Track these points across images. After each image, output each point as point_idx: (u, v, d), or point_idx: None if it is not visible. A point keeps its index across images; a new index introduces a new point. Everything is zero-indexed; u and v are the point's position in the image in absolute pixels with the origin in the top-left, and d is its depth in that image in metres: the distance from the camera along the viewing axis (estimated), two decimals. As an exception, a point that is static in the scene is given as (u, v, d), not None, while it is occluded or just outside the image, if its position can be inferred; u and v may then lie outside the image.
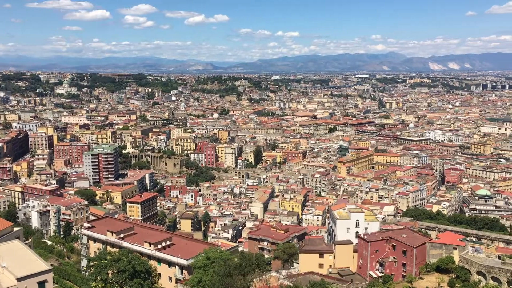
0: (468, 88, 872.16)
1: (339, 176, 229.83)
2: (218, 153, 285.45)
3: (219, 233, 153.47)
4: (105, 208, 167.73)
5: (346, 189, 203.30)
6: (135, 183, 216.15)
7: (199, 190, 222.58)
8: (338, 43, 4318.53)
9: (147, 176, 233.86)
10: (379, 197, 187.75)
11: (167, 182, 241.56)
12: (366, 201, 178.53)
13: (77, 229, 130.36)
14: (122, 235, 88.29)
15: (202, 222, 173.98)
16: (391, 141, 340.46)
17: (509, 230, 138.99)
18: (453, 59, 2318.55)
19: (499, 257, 76.98)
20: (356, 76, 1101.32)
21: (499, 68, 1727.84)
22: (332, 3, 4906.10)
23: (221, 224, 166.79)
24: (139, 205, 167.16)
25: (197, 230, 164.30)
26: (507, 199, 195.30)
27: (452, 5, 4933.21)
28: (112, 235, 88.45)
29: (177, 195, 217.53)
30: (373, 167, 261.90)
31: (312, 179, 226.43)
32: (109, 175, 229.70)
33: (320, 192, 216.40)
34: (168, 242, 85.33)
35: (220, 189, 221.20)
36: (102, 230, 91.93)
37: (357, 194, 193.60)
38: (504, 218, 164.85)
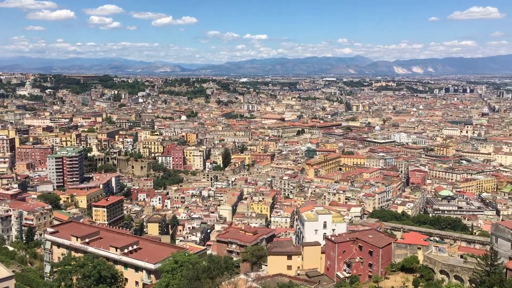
0: (431, 92, 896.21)
1: (307, 178, 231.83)
2: (186, 155, 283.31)
3: (187, 237, 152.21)
4: (69, 212, 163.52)
5: (314, 191, 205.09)
6: (101, 186, 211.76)
7: (167, 193, 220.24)
8: (306, 46, 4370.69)
9: (113, 179, 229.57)
10: (346, 199, 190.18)
11: (134, 185, 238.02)
12: (333, 202, 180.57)
13: (40, 234, 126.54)
14: (87, 240, 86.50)
15: (170, 226, 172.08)
16: (358, 144, 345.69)
17: (470, 229, 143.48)
18: (417, 63, 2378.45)
19: (461, 256, 79.26)
20: (324, 79, 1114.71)
21: (461, 72, 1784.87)
22: (300, 7, 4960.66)
23: (189, 227, 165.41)
24: (105, 209, 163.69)
25: (165, 233, 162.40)
26: (468, 200, 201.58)
27: (416, 11, 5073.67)
28: (77, 240, 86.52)
29: (144, 199, 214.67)
30: (340, 169, 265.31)
31: (281, 181, 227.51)
32: (74, 179, 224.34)
33: (288, 194, 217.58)
34: (135, 246, 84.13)
35: (188, 192, 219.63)
36: (66, 235, 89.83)
37: (324, 196, 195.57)
38: (466, 218, 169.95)
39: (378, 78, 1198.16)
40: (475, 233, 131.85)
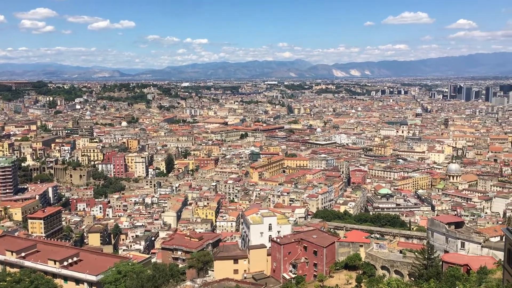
0: (369, 94, 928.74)
1: (252, 182, 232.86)
2: (128, 162, 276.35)
3: (131, 245, 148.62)
4: (3, 226, 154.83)
5: (259, 194, 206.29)
6: (37, 197, 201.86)
7: (108, 202, 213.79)
8: (247, 51, 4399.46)
9: (50, 189, 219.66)
10: (290, 200, 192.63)
11: (73, 195, 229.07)
12: (278, 204, 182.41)
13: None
14: (23, 254, 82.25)
15: (112, 235, 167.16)
16: (300, 146, 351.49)
17: (408, 225, 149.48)
18: (354, 66, 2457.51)
19: (401, 251, 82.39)
20: (265, 82, 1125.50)
21: (395, 75, 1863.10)
22: (240, 11, 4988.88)
23: (132, 236, 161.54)
24: (41, 221, 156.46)
25: (107, 243, 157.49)
26: (406, 197, 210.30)
27: (352, 16, 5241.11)
28: (12, 254, 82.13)
29: (84, 208, 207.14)
30: (284, 171, 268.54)
31: (225, 186, 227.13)
32: (7, 190, 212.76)
33: (233, 198, 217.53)
34: (75, 258, 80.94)
35: (131, 200, 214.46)
36: (0, 249, 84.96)
37: (269, 198, 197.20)
38: (404, 215, 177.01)
39: (318, 81, 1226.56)
40: (412, 228, 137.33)
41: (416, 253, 72.55)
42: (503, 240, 52.81)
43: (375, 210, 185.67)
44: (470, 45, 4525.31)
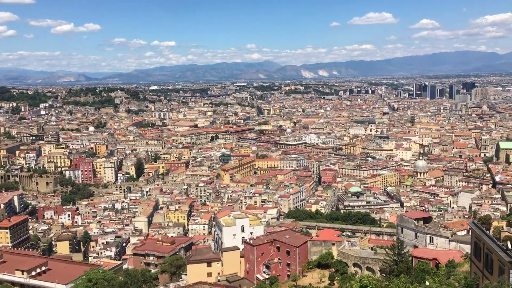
0: (337, 94, 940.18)
1: (223, 184, 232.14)
2: (96, 168, 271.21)
3: (101, 252, 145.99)
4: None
5: (231, 196, 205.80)
6: (2, 206, 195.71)
7: (77, 209, 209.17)
8: (215, 53, 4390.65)
9: (15, 198, 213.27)
10: (262, 201, 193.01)
11: (39, 202, 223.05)
12: (250, 206, 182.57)
13: None
14: (-12, 266, 79.49)
15: (81, 243, 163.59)
16: (271, 147, 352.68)
17: (378, 222, 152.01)
18: (322, 66, 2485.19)
19: (372, 248, 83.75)
20: (235, 84, 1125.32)
21: (362, 74, 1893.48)
22: (206, 13, 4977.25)
23: (102, 243, 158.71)
24: (7, 231, 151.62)
25: (77, 251, 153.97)
26: (375, 194, 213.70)
27: (318, 16, 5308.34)
28: (-24, 266, 79.23)
29: (52, 216, 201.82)
30: (255, 173, 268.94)
31: (197, 189, 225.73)
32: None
33: (205, 201, 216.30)
34: (43, 268, 78.82)
35: (100, 206, 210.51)
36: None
37: (241, 200, 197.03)
38: (374, 212, 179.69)
39: (287, 82, 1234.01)
40: (383, 225, 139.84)
41: (386, 249, 73.78)
42: (470, 233, 54.32)
43: (346, 208, 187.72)
44: (433, 44, 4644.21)
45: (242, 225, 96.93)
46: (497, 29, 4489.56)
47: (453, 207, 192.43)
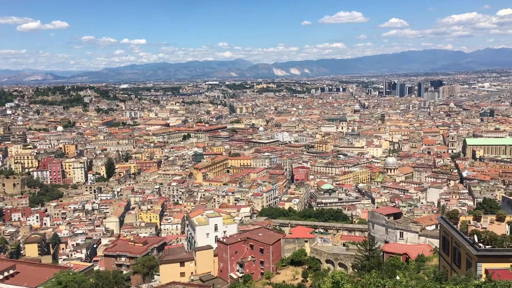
0: (309, 92, 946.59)
1: (196, 183, 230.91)
2: (65, 168, 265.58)
3: (71, 254, 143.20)
4: None
5: (204, 195, 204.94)
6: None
7: (46, 210, 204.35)
8: (187, 51, 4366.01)
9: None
10: (235, 200, 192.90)
11: (6, 204, 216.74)
12: (223, 205, 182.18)
13: None
14: (-49, 271, 76.69)
15: (51, 245, 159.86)
16: (244, 145, 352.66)
17: (350, 219, 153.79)
18: (294, 65, 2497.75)
19: (344, 245, 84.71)
20: (207, 83, 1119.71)
21: (333, 73, 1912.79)
22: (177, 11, 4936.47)
23: (73, 245, 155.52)
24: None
25: (46, 254, 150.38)
26: (347, 191, 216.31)
27: (289, 15, 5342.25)
28: None
29: (19, 218, 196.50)
30: (228, 171, 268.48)
31: (169, 188, 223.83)
32: None
33: (177, 200, 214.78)
34: (11, 271, 76.46)
35: (70, 207, 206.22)
36: None
37: (214, 199, 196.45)
38: (346, 208, 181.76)
39: (259, 80, 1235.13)
40: (354, 221, 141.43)
41: (358, 245, 74.71)
42: (438, 228, 55.51)
43: (319, 205, 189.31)
44: (402, 43, 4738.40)
45: (216, 224, 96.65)
46: (463, 28, 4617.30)
47: (422, 203, 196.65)
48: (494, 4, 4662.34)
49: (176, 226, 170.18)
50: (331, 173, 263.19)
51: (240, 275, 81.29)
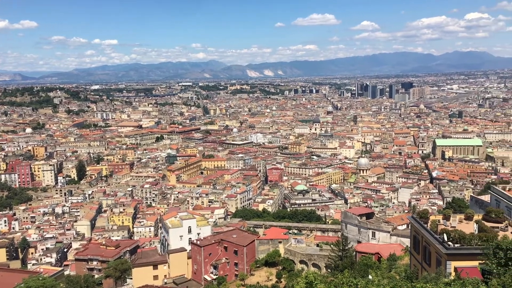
0: (282, 93, 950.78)
1: (169, 185, 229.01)
2: (35, 171, 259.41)
3: (41, 259, 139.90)
4: None
5: (177, 197, 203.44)
6: None
7: (14, 214, 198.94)
8: (160, 52, 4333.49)
9: None
10: (209, 202, 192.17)
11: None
12: (197, 206, 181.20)
13: None
14: None
15: (19, 249, 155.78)
16: (218, 146, 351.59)
17: (324, 219, 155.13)
18: (267, 66, 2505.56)
19: (317, 245, 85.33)
20: (180, 84, 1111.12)
21: (306, 74, 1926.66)
22: (149, 11, 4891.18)
23: (42, 249, 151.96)
24: None
25: (14, 258, 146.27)
26: (320, 192, 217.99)
27: (263, 17, 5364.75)
28: None
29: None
30: (202, 173, 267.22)
31: (142, 190, 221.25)
32: None
33: (150, 202, 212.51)
34: (-23, 278, 74.47)
35: (39, 211, 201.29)
36: None
37: (188, 200, 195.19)
38: (320, 209, 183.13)
39: (233, 82, 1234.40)
40: (328, 222, 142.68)
41: (331, 246, 75.36)
42: (409, 227, 56.52)
43: (292, 206, 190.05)
44: (373, 46, 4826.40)
45: (189, 226, 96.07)
46: (433, 31, 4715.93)
47: (393, 203, 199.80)
48: (462, 8, 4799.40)
49: (149, 228, 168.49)
50: (305, 174, 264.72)
51: (214, 277, 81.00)
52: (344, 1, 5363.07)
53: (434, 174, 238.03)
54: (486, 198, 73.65)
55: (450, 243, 40.66)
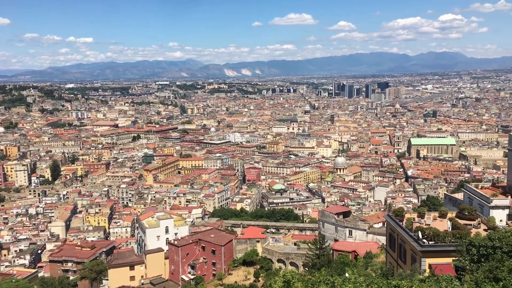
0: (260, 93, 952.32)
1: (146, 185, 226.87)
2: (7, 171, 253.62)
3: (14, 261, 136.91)
4: None
5: (154, 196, 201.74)
6: None
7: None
8: (136, 50, 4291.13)
9: None
10: (187, 201, 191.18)
11: None
12: (174, 206, 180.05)
13: None
14: None
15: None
16: (195, 146, 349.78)
17: (301, 218, 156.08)
18: (245, 65, 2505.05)
19: (295, 244, 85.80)
20: (157, 83, 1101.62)
21: (284, 74, 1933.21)
22: (124, 9, 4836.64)
23: (15, 251, 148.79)
24: None
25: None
26: (298, 191, 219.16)
27: (240, 16, 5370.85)
28: None
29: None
30: (179, 173, 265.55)
31: (118, 190, 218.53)
32: None
33: (127, 202, 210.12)
34: None
35: (12, 212, 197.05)
36: None
37: (165, 200, 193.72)
38: (297, 208, 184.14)
39: (211, 81, 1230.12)
40: (305, 221, 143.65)
41: (309, 244, 75.89)
42: (385, 225, 57.29)
43: (270, 205, 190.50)
44: (350, 46, 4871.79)
45: (167, 226, 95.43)
46: (408, 32, 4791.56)
47: (370, 201, 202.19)
48: (437, 10, 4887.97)
49: (126, 229, 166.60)
50: (283, 173, 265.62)
51: (192, 277, 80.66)
52: (321, 1, 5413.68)
53: (409, 172, 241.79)
54: (459, 196, 75.16)
55: (424, 240, 41.37)
